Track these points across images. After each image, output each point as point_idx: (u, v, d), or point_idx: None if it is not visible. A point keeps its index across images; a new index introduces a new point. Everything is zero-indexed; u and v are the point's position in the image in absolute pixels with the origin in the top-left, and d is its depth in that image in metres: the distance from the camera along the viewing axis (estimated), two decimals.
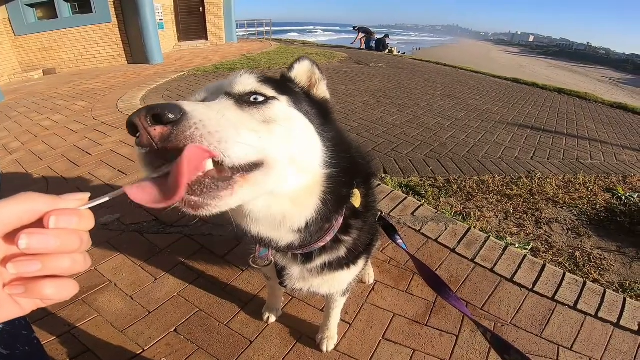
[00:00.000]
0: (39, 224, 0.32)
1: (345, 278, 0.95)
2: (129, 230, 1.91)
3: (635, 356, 1.38)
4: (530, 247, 2.01)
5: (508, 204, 2.46)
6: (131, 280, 1.61)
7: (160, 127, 0.42)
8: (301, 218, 0.66)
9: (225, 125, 0.46)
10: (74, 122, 3.66)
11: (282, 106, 0.61)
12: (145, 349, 1.31)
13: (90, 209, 0.36)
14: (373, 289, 1.60)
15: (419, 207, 2.18)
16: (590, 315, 1.54)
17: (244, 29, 14.31)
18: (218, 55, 8.80)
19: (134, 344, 1.32)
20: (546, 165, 3.22)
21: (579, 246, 2.09)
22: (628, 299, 1.63)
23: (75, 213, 0.33)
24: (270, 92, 0.61)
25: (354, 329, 1.42)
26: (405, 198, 2.27)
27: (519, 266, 1.76)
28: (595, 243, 2.15)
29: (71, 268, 0.34)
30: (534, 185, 2.73)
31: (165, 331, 1.37)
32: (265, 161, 0.51)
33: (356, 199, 0.80)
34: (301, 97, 0.69)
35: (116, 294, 1.54)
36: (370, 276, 1.62)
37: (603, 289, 1.67)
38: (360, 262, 0.95)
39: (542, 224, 2.28)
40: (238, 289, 1.58)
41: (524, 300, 1.59)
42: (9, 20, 6.57)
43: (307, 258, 0.83)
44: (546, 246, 2.07)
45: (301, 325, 1.43)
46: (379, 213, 1.02)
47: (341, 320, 1.36)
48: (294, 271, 0.89)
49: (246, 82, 0.60)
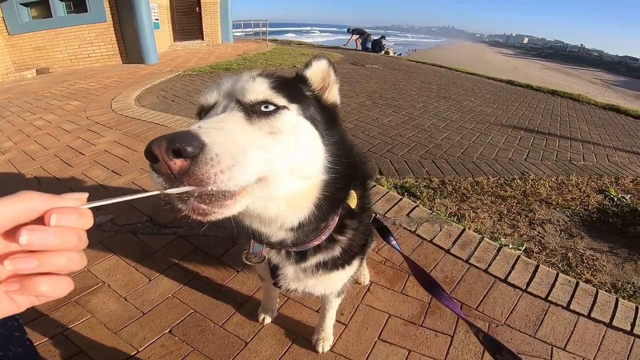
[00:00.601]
0: (37, 222, 0.32)
1: (339, 279, 0.95)
2: (123, 231, 1.89)
3: (628, 356, 1.40)
4: (523, 248, 2.03)
5: (502, 205, 2.48)
6: (125, 281, 1.59)
7: (180, 161, 0.45)
8: (294, 219, 0.68)
9: (237, 158, 0.49)
10: (67, 122, 3.62)
11: (291, 115, 0.62)
12: (139, 350, 1.29)
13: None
14: (368, 289, 1.61)
15: (414, 208, 2.19)
16: (583, 315, 1.55)
17: (240, 29, 14.28)
18: (214, 55, 8.77)
19: (128, 345, 1.31)
20: (539, 167, 3.26)
21: (572, 247, 2.11)
22: (620, 299, 1.65)
23: (75, 211, 0.34)
24: (281, 101, 0.62)
25: (349, 330, 1.42)
26: (401, 199, 2.28)
27: (513, 267, 1.78)
28: (588, 244, 2.18)
29: (67, 266, 0.34)
30: (528, 187, 2.75)
31: (160, 332, 1.36)
32: (267, 175, 0.55)
33: (352, 200, 0.80)
34: (311, 103, 0.69)
35: (110, 295, 1.52)
36: (365, 277, 1.62)
37: (595, 289, 1.69)
38: (355, 263, 0.96)
39: (536, 225, 2.30)
40: (233, 290, 1.57)
41: (517, 301, 1.60)
42: (3, 19, 6.51)
43: (301, 257, 0.83)
44: (539, 247, 2.09)
45: (297, 326, 1.42)
46: (374, 215, 1.03)
47: (337, 321, 1.37)
48: (288, 271, 0.89)
49: (258, 90, 0.61)
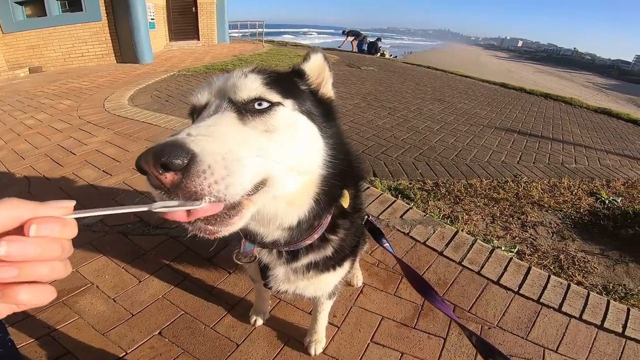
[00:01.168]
0: (21, 230, 0.32)
1: (330, 280, 0.94)
2: (113, 231, 1.86)
3: (619, 358, 1.41)
4: (516, 250, 2.04)
5: (495, 208, 2.49)
6: (114, 282, 1.57)
7: (170, 175, 0.43)
8: (294, 217, 0.67)
9: (231, 166, 0.47)
10: (58, 121, 3.57)
11: (286, 111, 0.61)
12: (128, 352, 1.27)
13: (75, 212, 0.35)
14: (361, 291, 1.60)
15: (407, 210, 2.19)
16: (575, 317, 1.56)
17: (236, 30, 14.25)
18: (209, 55, 8.73)
19: (117, 346, 1.29)
20: (532, 169, 3.28)
21: (564, 249, 2.13)
22: (612, 301, 1.66)
23: (57, 221, 0.33)
24: (275, 97, 0.60)
25: (342, 332, 1.41)
26: (394, 201, 2.28)
27: (505, 269, 1.78)
28: (579, 246, 2.20)
29: (49, 275, 0.33)
30: (520, 189, 2.77)
31: (149, 334, 1.34)
32: (267, 178, 0.53)
33: (345, 200, 0.80)
34: (307, 97, 0.68)
35: (98, 296, 1.50)
36: (358, 279, 1.61)
37: (587, 291, 1.70)
38: (346, 264, 0.95)
39: (528, 227, 2.31)
40: (225, 292, 1.55)
41: (510, 303, 1.61)
42: None
43: (293, 256, 0.82)
44: (531, 249, 2.10)
45: (289, 328, 1.41)
46: (366, 217, 1.02)
47: (329, 323, 1.36)
48: (279, 272, 0.88)
49: (251, 87, 0.59)
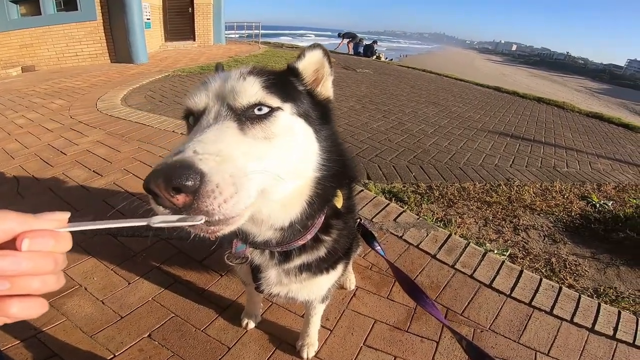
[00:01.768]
0: (13, 243, 0.31)
1: (324, 283, 0.93)
2: (102, 233, 1.83)
3: None
4: (508, 254, 2.05)
5: (487, 211, 2.50)
6: (102, 284, 1.54)
7: (182, 197, 0.45)
8: (286, 218, 0.67)
9: (238, 183, 0.49)
10: (50, 121, 3.52)
11: (285, 116, 0.61)
12: (116, 354, 1.25)
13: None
14: (354, 295, 1.59)
15: (401, 214, 2.19)
16: (566, 320, 1.57)
17: (233, 31, 14.22)
18: (205, 56, 8.70)
19: (104, 349, 1.27)
20: (524, 173, 3.31)
21: (555, 252, 2.15)
22: (602, 304, 1.68)
23: (51, 235, 0.32)
24: (275, 102, 0.60)
25: (334, 336, 1.40)
26: (388, 204, 2.28)
27: (498, 272, 1.79)
28: (571, 249, 2.22)
29: (41, 289, 0.33)
30: (513, 193, 2.79)
31: (139, 336, 1.32)
32: (265, 187, 0.55)
33: (338, 200, 0.79)
34: (304, 98, 0.68)
35: (86, 298, 1.47)
36: (351, 282, 1.61)
37: (578, 294, 1.72)
38: (340, 267, 0.94)
39: (520, 231, 2.33)
40: (216, 294, 1.54)
41: (502, 306, 1.61)
42: None
43: (285, 257, 0.81)
44: (523, 252, 2.11)
45: (281, 331, 1.40)
46: (358, 220, 1.02)
47: (322, 326, 1.35)
48: (271, 274, 0.86)
49: (250, 92, 0.59)
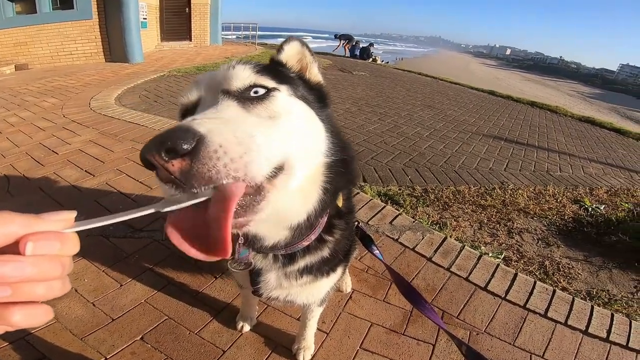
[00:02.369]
0: (16, 246, 0.28)
1: (324, 286, 0.92)
2: (94, 233, 1.80)
3: None
4: (502, 257, 2.06)
5: (482, 214, 2.52)
6: (94, 286, 1.51)
7: (177, 161, 0.39)
8: (304, 211, 0.62)
9: (246, 143, 0.44)
10: (42, 120, 3.47)
11: (284, 96, 0.58)
12: (107, 357, 1.23)
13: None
14: (350, 297, 1.59)
15: (397, 216, 2.19)
16: (560, 323, 1.58)
17: (230, 32, 14.19)
18: (201, 56, 8.66)
19: (95, 352, 1.24)
20: (518, 177, 3.34)
21: (549, 255, 2.16)
22: (595, 306, 1.69)
23: (56, 237, 0.30)
24: (270, 83, 0.58)
25: (331, 339, 1.39)
26: (384, 207, 2.28)
27: (493, 275, 1.80)
28: (564, 252, 2.24)
29: (46, 295, 0.30)
30: (507, 196, 2.81)
31: (131, 339, 1.30)
32: (285, 162, 0.50)
33: (339, 200, 0.78)
34: (298, 83, 0.67)
35: (77, 300, 1.44)
36: (347, 285, 1.60)
37: (572, 297, 1.73)
38: (339, 270, 0.93)
39: (514, 234, 2.35)
40: (210, 297, 1.52)
41: (497, 309, 1.62)
42: None
43: (290, 260, 0.79)
44: (517, 255, 2.12)
45: (276, 334, 1.39)
46: (356, 223, 1.01)
47: (318, 329, 1.34)
48: (271, 277, 0.84)
49: (243, 75, 0.57)
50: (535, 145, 4.64)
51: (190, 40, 10.61)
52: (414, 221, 2.18)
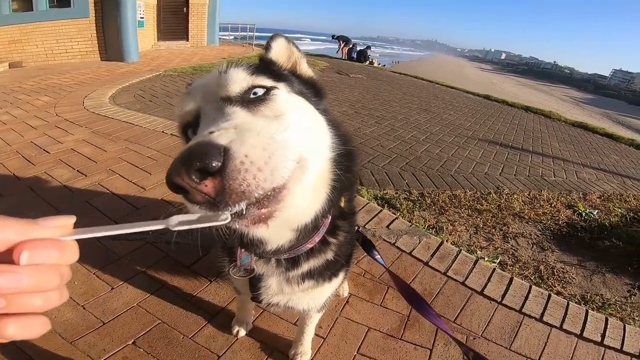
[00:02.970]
0: (9, 254, 0.27)
1: (326, 291, 0.90)
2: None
3: None
4: (498, 261, 2.06)
5: (478, 219, 2.52)
6: (84, 289, 1.48)
7: (210, 181, 0.39)
8: (313, 209, 0.61)
9: (268, 146, 0.43)
10: (34, 118, 3.41)
11: (284, 94, 0.58)
12: None
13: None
14: (347, 302, 1.57)
15: (394, 220, 2.19)
16: (556, 327, 1.59)
17: (227, 32, 14.15)
18: (197, 57, 8.62)
19: (85, 356, 1.22)
20: (513, 182, 3.36)
21: (543, 260, 2.18)
22: (590, 310, 1.70)
23: (54, 245, 0.28)
24: (268, 82, 0.58)
25: (328, 344, 1.38)
26: (381, 210, 2.28)
27: (489, 279, 1.80)
28: (558, 257, 2.25)
29: (42, 306, 0.29)
30: (502, 201, 2.83)
31: (122, 344, 1.27)
32: (300, 157, 0.49)
33: (341, 201, 0.76)
34: (293, 79, 0.66)
35: (66, 303, 1.38)
36: (344, 289, 1.59)
37: (566, 301, 1.74)
38: (341, 275, 0.92)
39: (509, 238, 2.36)
40: (205, 301, 1.49)
41: (493, 313, 1.62)
42: None
43: (293, 264, 0.77)
44: (513, 260, 2.13)
45: (273, 339, 1.37)
46: (357, 227, 1.00)
47: (315, 334, 1.32)
48: (272, 283, 0.82)
49: (239, 78, 0.57)
50: (529, 150, 4.68)
51: (187, 40, 10.55)
52: (410, 225, 2.17)
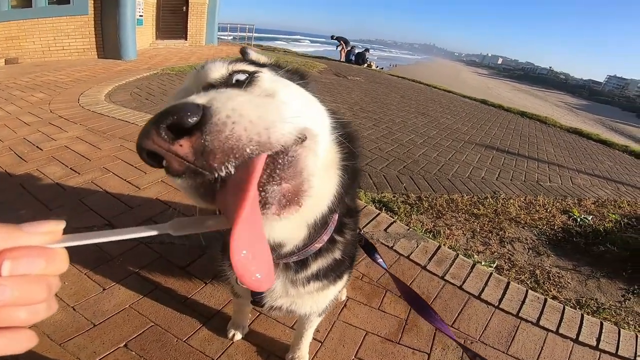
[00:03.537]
0: None
1: (330, 293, 0.88)
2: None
3: None
4: (495, 265, 2.06)
5: (475, 223, 2.53)
6: (74, 289, 1.44)
7: (186, 140, 0.32)
8: (327, 198, 0.56)
9: (263, 102, 0.38)
10: (28, 114, 3.35)
11: (270, 75, 0.54)
12: None
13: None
14: (345, 305, 1.56)
15: (391, 224, 2.18)
16: (552, 331, 1.59)
17: (226, 33, 14.12)
18: (195, 56, 8.58)
19: (75, 358, 1.18)
20: (509, 187, 3.38)
21: (539, 264, 2.18)
22: (585, 315, 1.71)
23: (40, 254, 0.25)
24: (250, 68, 0.55)
25: (325, 348, 1.36)
26: (379, 214, 2.27)
27: (486, 284, 1.80)
28: (554, 262, 2.26)
29: (28, 320, 0.26)
30: (499, 206, 2.84)
31: (114, 346, 1.24)
32: (306, 131, 0.43)
33: (348, 194, 0.75)
34: (276, 69, 0.63)
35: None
36: (342, 292, 1.57)
37: (562, 305, 1.75)
38: (345, 277, 0.90)
39: (506, 243, 2.36)
40: (200, 303, 1.46)
41: (490, 318, 1.62)
42: None
43: (302, 265, 0.74)
44: (509, 264, 2.13)
45: (269, 343, 1.34)
46: (359, 231, 0.98)
47: (312, 338, 1.30)
48: (277, 285, 0.79)
49: (218, 66, 0.54)
50: (525, 155, 4.71)
51: (186, 39, 10.51)
52: (408, 229, 2.17)
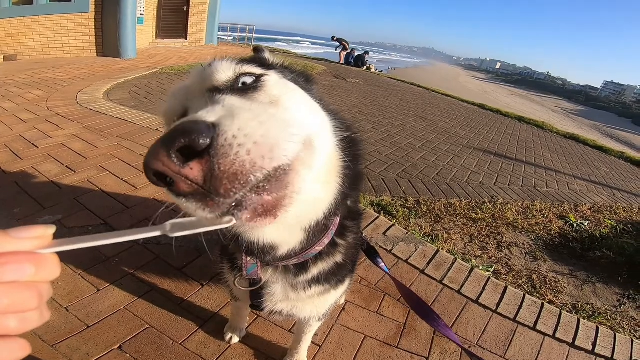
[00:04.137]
0: None
1: (331, 297, 0.87)
2: (71, 234, 1.71)
3: None
4: (492, 270, 2.07)
5: (473, 227, 2.53)
6: (68, 290, 1.42)
7: (196, 163, 0.31)
8: (325, 203, 0.56)
9: (266, 119, 0.37)
10: (24, 111, 3.32)
11: (276, 79, 0.54)
12: None
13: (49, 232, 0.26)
14: (344, 309, 1.55)
15: (390, 227, 2.18)
16: (549, 335, 1.60)
17: (226, 33, 14.10)
18: (195, 55, 8.56)
19: None
20: (507, 192, 3.39)
21: (536, 269, 2.19)
22: (582, 319, 1.72)
23: (29, 260, 0.24)
24: (257, 70, 0.55)
25: (323, 352, 1.35)
26: (377, 217, 2.27)
27: (484, 288, 1.80)
28: (550, 266, 2.27)
29: (19, 328, 0.25)
30: (496, 210, 2.84)
31: (107, 348, 1.22)
32: (305, 140, 0.44)
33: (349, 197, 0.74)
34: (283, 70, 0.64)
35: (48, 304, 1.33)
36: (342, 296, 1.56)
37: (559, 310, 1.76)
38: (347, 282, 0.89)
39: (503, 248, 2.37)
40: (196, 305, 1.45)
41: (488, 322, 1.62)
42: None
43: (301, 268, 0.72)
44: (507, 269, 2.14)
45: (267, 346, 1.33)
46: (360, 234, 0.97)
47: (311, 342, 1.29)
48: (276, 289, 0.77)
49: (227, 67, 0.53)
50: (523, 161, 4.73)
51: (186, 38, 10.49)
52: (407, 233, 2.16)
